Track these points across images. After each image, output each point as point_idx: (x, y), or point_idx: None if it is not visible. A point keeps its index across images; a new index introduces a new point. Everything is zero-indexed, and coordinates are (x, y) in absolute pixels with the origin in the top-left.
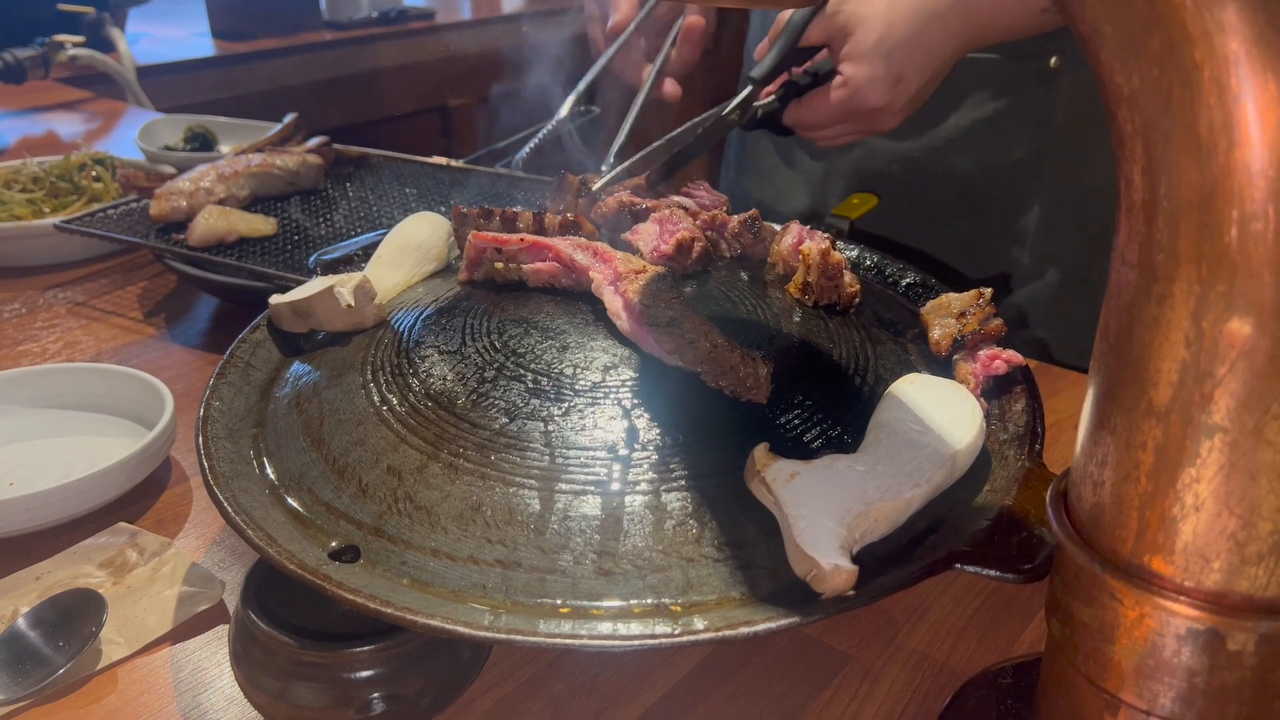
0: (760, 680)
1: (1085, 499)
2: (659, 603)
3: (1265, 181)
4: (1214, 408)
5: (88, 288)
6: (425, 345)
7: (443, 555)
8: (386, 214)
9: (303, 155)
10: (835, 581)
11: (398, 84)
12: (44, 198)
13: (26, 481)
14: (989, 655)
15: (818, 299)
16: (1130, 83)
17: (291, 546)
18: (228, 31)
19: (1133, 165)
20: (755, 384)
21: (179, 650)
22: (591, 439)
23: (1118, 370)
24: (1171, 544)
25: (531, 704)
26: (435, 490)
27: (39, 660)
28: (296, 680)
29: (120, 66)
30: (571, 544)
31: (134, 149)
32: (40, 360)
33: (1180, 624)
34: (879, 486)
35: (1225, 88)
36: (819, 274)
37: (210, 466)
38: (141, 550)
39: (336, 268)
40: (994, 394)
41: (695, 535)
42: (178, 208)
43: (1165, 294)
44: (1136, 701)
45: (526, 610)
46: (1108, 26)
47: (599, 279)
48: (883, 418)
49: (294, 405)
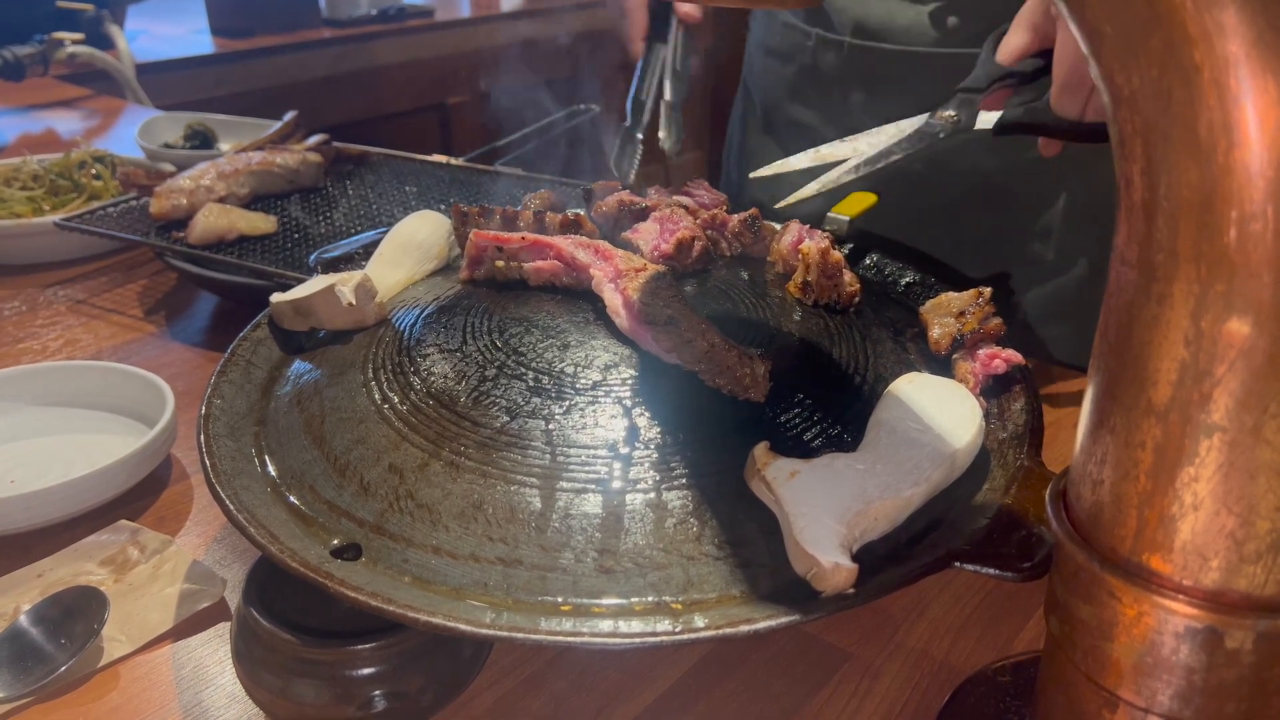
0: (760, 678)
1: (1084, 498)
2: (660, 600)
3: (1264, 182)
4: (1213, 407)
5: (88, 285)
6: (426, 344)
7: (444, 553)
8: (387, 212)
9: (303, 153)
10: (835, 579)
11: (397, 81)
12: (44, 195)
13: (27, 479)
14: (988, 653)
15: (817, 298)
16: (1130, 83)
17: (293, 544)
18: (227, 29)
19: (1132, 165)
20: (753, 383)
21: (180, 647)
22: (592, 437)
23: (1117, 369)
24: (1170, 542)
25: (532, 701)
26: (437, 488)
27: (41, 657)
28: (298, 677)
29: (119, 64)
30: (573, 542)
31: (133, 147)
32: (41, 358)
33: (1179, 622)
34: (879, 485)
35: (1225, 89)
36: (818, 273)
37: (212, 464)
38: (143, 548)
39: (337, 266)
40: (993, 393)
41: (696, 533)
42: (178, 205)
43: (1165, 294)
44: (1135, 699)
45: (528, 608)
46: (1108, 27)
47: (599, 276)
48: (882, 416)
49: (295, 403)
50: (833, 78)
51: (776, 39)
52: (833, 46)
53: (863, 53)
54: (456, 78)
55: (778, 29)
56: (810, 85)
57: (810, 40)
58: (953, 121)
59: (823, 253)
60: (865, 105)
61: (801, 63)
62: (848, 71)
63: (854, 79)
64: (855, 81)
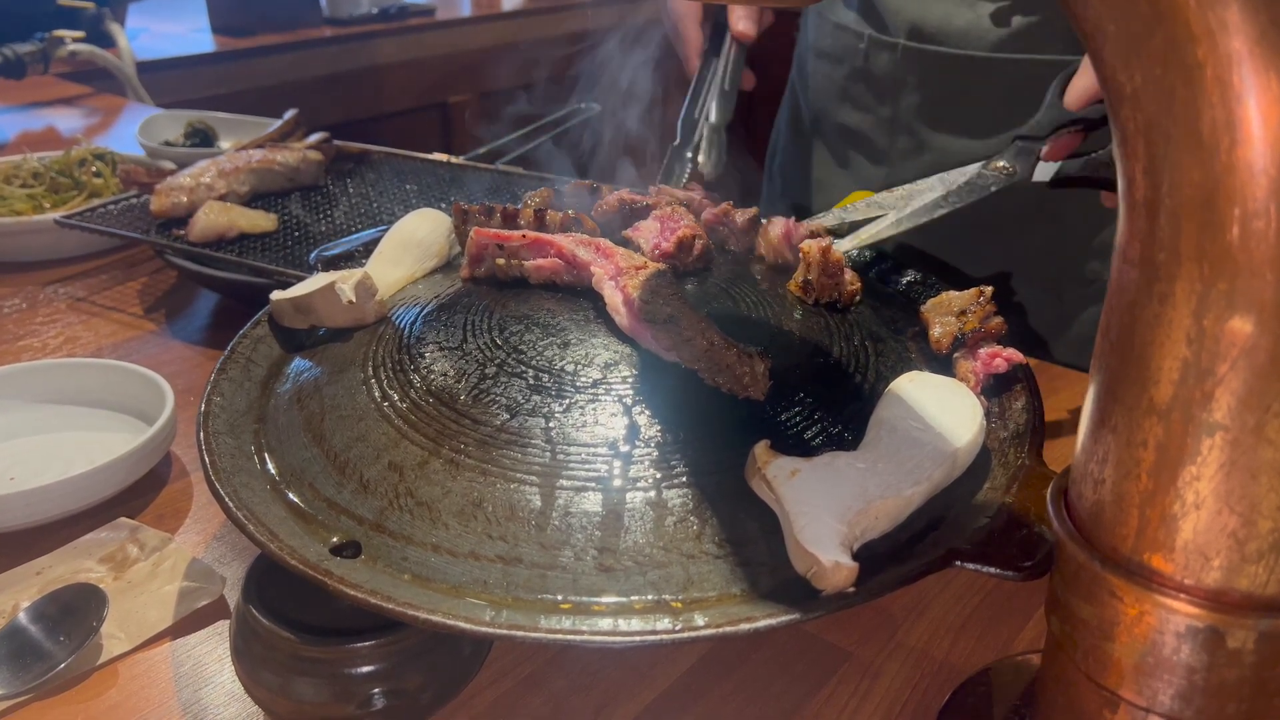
0: (760, 677)
1: (1086, 497)
2: (660, 599)
3: (1267, 180)
4: (1215, 406)
5: (88, 283)
6: (426, 342)
7: (444, 551)
8: (387, 210)
9: (303, 151)
10: (836, 578)
11: (398, 80)
12: (44, 193)
13: (27, 476)
14: (988, 653)
15: (818, 297)
16: (1133, 81)
17: (293, 542)
18: (227, 27)
19: (1135, 163)
20: (752, 381)
21: (179, 645)
22: (592, 436)
23: (1119, 368)
24: (1172, 542)
25: (532, 700)
26: (436, 486)
27: (40, 655)
28: (297, 675)
29: (120, 62)
30: (573, 540)
31: (134, 144)
32: (41, 355)
33: (1180, 621)
34: (880, 484)
35: (1227, 86)
36: (819, 272)
37: (212, 461)
38: (142, 545)
39: (337, 264)
40: (994, 392)
41: (696, 532)
42: (178, 203)
43: (1167, 292)
44: (1136, 699)
45: (527, 606)
46: (1110, 25)
47: (600, 274)
48: (883, 415)
49: (295, 401)
50: (886, 81)
51: (828, 40)
52: (886, 48)
53: (918, 56)
54: (457, 77)
55: (829, 30)
56: (862, 89)
57: (863, 42)
58: (1007, 173)
59: (823, 251)
60: (919, 111)
61: (853, 65)
62: (901, 75)
63: (908, 83)
64: (909, 86)
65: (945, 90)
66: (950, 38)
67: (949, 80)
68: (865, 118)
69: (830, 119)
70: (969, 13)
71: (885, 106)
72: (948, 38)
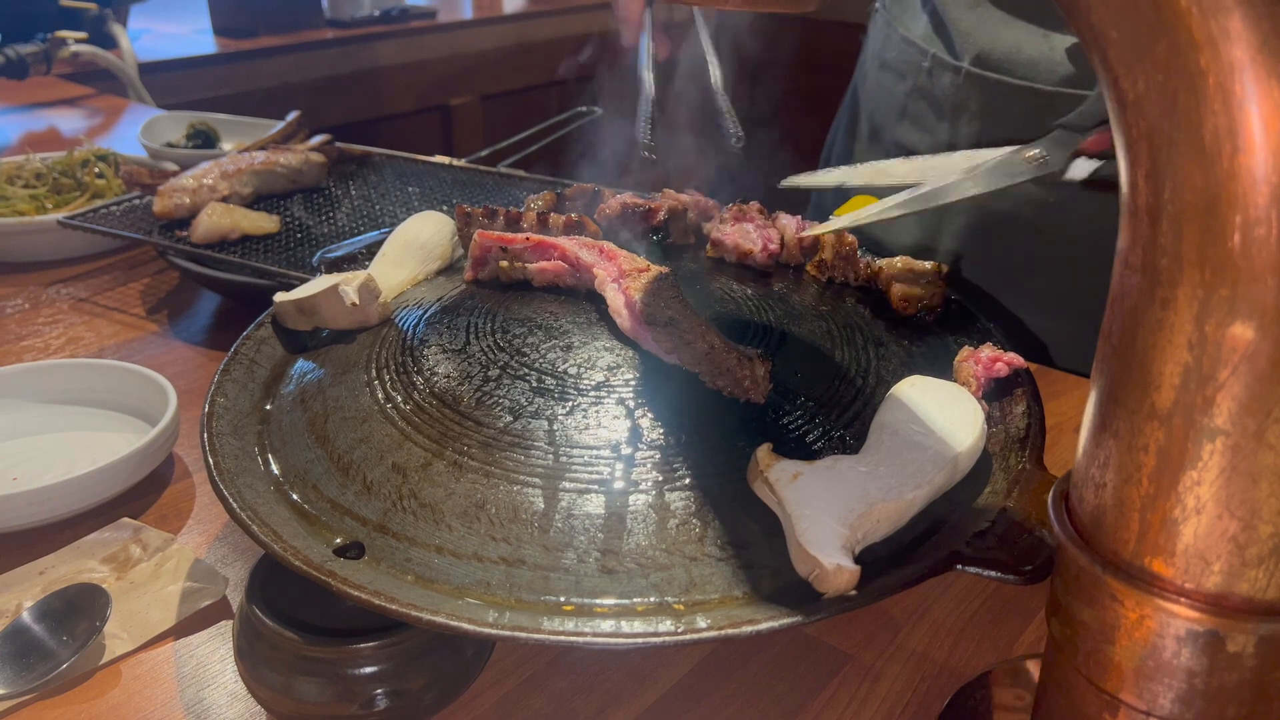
0: (761, 679)
1: (1087, 501)
2: (662, 601)
3: (1269, 187)
4: (1216, 411)
5: (91, 284)
6: (430, 344)
7: (447, 552)
8: (389, 212)
9: (306, 153)
10: (837, 581)
11: (399, 82)
12: (47, 194)
13: (30, 476)
14: (989, 656)
15: (832, 275)
16: (1135, 87)
17: (296, 542)
18: (229, 29)
19: (1137, 169)
20: (753, 384)
21: (182, 645)
22: (595, 438)
23: (1120, 373)
24: (1172, 546)
25: (534, 701)
26: (440, 488)
27: (43, 654)
28: (300, 676)
29: (122, 63)
30: (575, 542)
31: (136, 145)
32: (43, 356)
33: (1180, 625)
34: (881, 487)
35: (1230, 93)
36: (833, 254)
37: (215, 462)
38: (145, 546)
39: (341, 266)
40: (995, 396)
41: (698, 534)
42: (181, 205)
43: (1168, 298)
44: (1136, 702)
45: (530, 607)
46: (1113, 31)
47: (602, 276)
48: (885, 419)
49: (298, 402)
50: (946, 104)
51: (893, 53)
52: (949, 70)
53: (980, 82)
54: (459, 79)
55: (896, 42)
56: (923, 107)
57: (927, 60)
58: (1038, 162)
59: (839, 237)
60: (979, 139)
61: (916, 82)
62: (963, 100)
63: (969, 108)
64: (970, 112)
65: (1006, 120)
66: (1018, 67)
67: (1009, 111)
68: (924, 138)
69: (888, 133)
70: (1042, 44)
71: (944, 128)
72: (1015, 67)
